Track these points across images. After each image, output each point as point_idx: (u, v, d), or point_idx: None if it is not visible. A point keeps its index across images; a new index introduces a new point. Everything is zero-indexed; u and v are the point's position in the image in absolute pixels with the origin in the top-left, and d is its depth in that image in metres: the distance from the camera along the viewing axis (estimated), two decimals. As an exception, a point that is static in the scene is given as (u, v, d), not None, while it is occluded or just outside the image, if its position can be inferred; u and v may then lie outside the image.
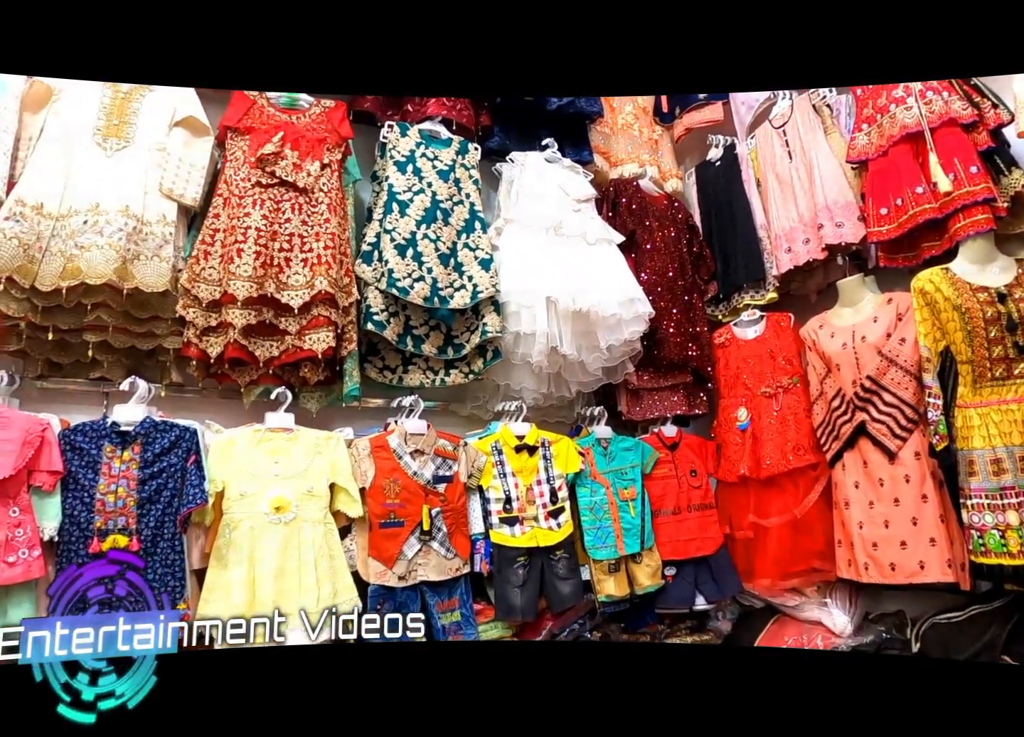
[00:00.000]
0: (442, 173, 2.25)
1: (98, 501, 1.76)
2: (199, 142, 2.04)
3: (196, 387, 2.05)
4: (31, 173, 1.85)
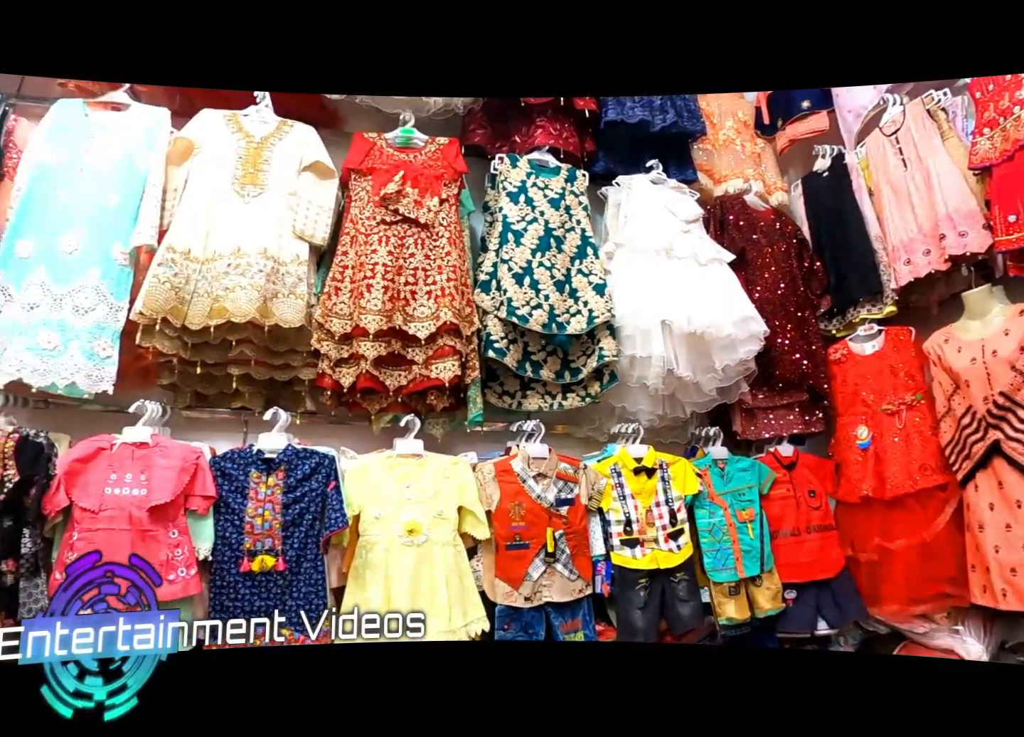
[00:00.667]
0: (553, 201, 2.32)
1: (247, 524, 1.89)
2: (325, 185, 2.17)
3: (328, 415, 2.17)
4: (179, 222, 2.01)
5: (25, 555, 1.77)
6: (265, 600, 1.86)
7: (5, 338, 1.87)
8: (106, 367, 1.88)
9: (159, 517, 1.82)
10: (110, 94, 2.16)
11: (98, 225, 1.96)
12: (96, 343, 1.88)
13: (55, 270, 1.91)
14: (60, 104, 2.12)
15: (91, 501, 1.82)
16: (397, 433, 2.12)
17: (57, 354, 1.86)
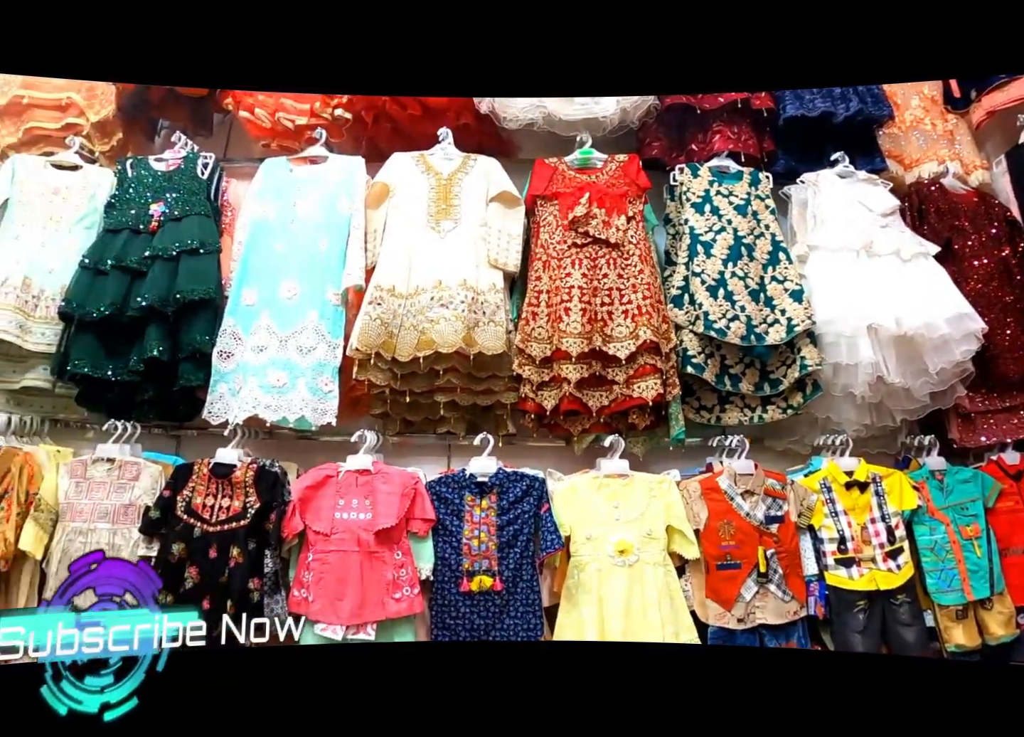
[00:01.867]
0: (739, 208, 2.26)
1: (464, 545, 1.98)
2: (512, 213, 2.24)
3: (526, 438, 2.23)
4: (383, 261, 2.15)
5: (267, 574, 1.96)
6: (484, 618, 1.94)
7: (240, 378, 2.07)
8: (329, 401, 2.03)
9: (384, 539, 1.95)
10: (309, 149, 2.35)
11: (311, 271, 2.14)
12: (320, 379, 2.04)
13: (278, 315, 2.10)
14: (267, 164, 2.33)
15: (323, 525, 1.98)
16: (597, 454, 2.14)
17: (286, 391, 2.04)
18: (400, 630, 1.96)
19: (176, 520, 2.02)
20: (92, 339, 2.12)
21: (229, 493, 2.02)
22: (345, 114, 2.31)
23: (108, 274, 2.14)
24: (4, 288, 2.19)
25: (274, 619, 1.91)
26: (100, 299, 2.10)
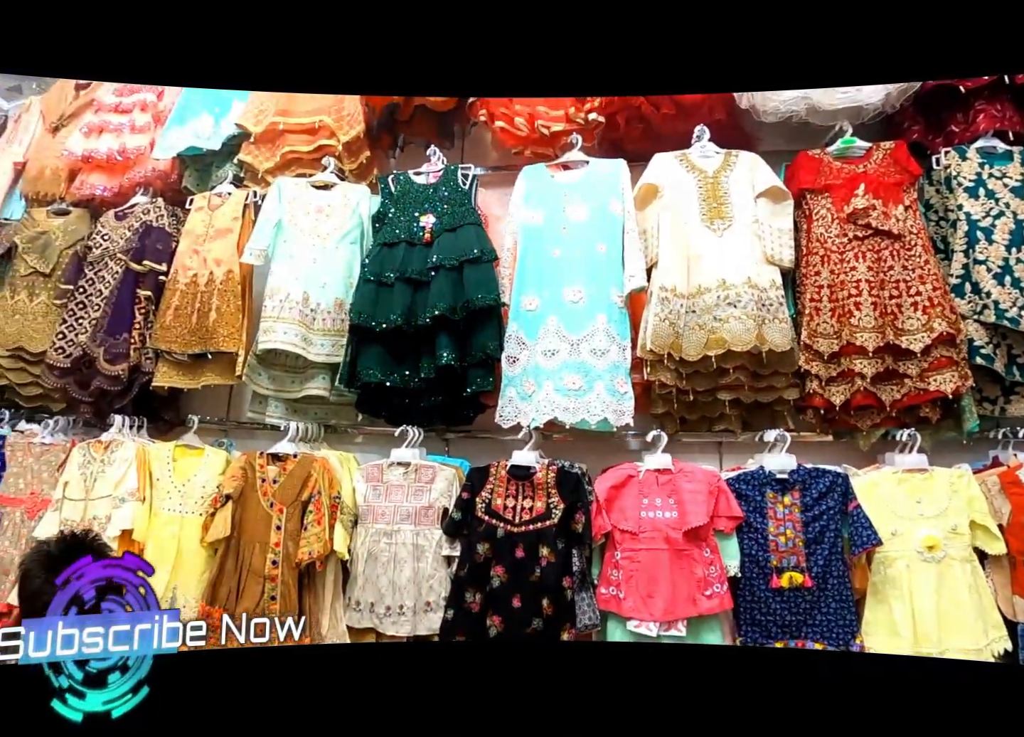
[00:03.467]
0: (1016, 190, 2.24)
1: (771, 542, 2.03)
2: (781, 208, 2.27)
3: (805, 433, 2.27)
4: (663, 262, 2.21)
5: (575, 572, 2.05)
6: (795, 615, 1.99)
7: (531, 382, 2.17)
8: (626, 402, 2.12)
9: (692, 537, 2.02)
10: (567, 155, 2.43)
11: (594, 274, 2.22)
12: (615, 381, 2.12)
13: (566, 319, 2.19)
14: (526, 171, 2.42)
15: (630, 523, 2.06)
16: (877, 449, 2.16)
17: (583, 394, 2.13)
18: (708, 626, 2.03)
19: (477, 521, 2.13)
20: (379, 348, 2.26)
21: (530, 494, 2.13)
22: (599, 118, 2.38)
23: (393, 286, 2.26)
24: (287, 303, 2.36)
25: (583, 616, 2.01)
26: (389, 310, 2.24)
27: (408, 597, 2.13)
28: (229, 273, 2.53)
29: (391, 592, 2.15)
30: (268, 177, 2.66)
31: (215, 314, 2.48)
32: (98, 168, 2.83)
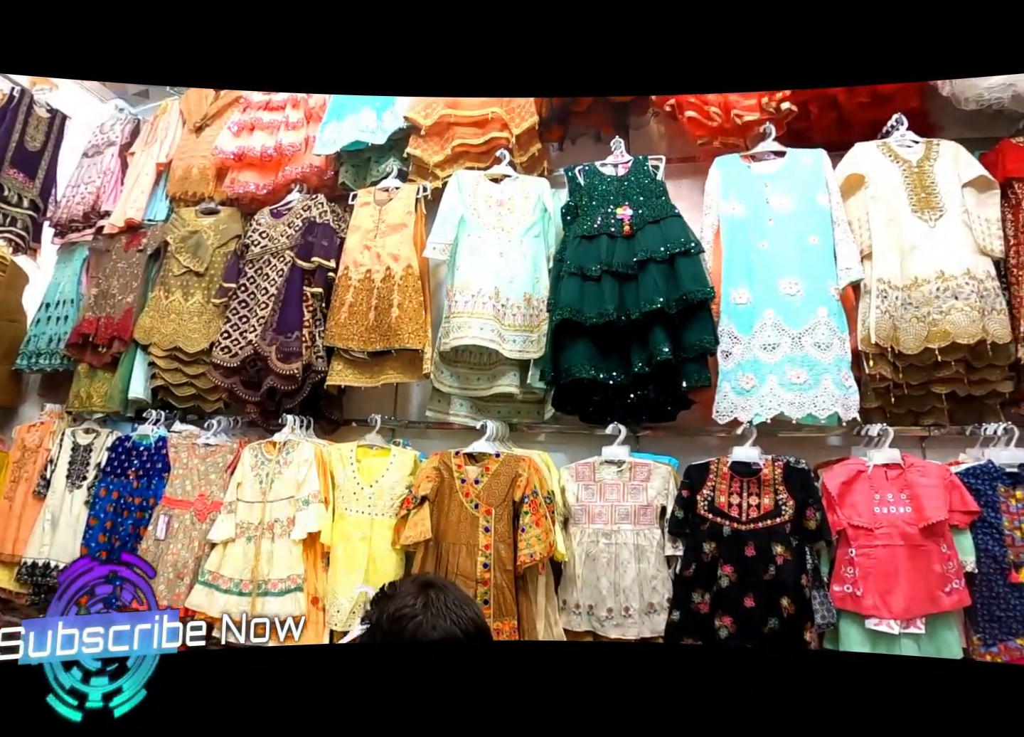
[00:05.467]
0: None
1: (1007, 536, 2.06)
2: (987, 197, 2.31)
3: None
4: (877, 253, 2.24)
5: (809, 571, 2.07)
6: (1037, 610, 2.02)
7: (749, 376, 2.19)
8: (851, 396, 2.14)
9: (929, 533, 2.05)
10: (762, 145, 2.45)
11: (808, 267, 2.24)
12: (841, 375, 2.15)
13: (784, 312, 2.21)
14: (720, 162, 2.45)
15: (864, 520, 2.09)
16: None
17: (808, 388, 2.15)
18: (945, 623, 2.06)
19: (700, 519, 2.15)
20: (586, 343, 2.27)
21: (756, 491, 2.15)
22: (791, 106, 2.40)
23: (599, 279, 2.27)
24: (480, 299, 2.37)
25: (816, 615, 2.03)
26: (599, 304, 2.25)
27: (633, 599, 2.14)
28: (408, 268, 2.53)
29: (612, 594, 2.17)
30: (437, 171, 2.67)
31: (397, 310, 2.48)
32: (250, 166, 2.83)
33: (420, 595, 1.30)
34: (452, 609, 1.28)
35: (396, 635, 1.25)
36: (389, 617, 1.28)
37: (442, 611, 1.27)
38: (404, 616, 1.27)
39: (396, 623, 1.26)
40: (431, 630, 1.24)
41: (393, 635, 1.25)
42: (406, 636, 1.23)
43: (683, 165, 2.65)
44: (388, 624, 1.27)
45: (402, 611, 1.28)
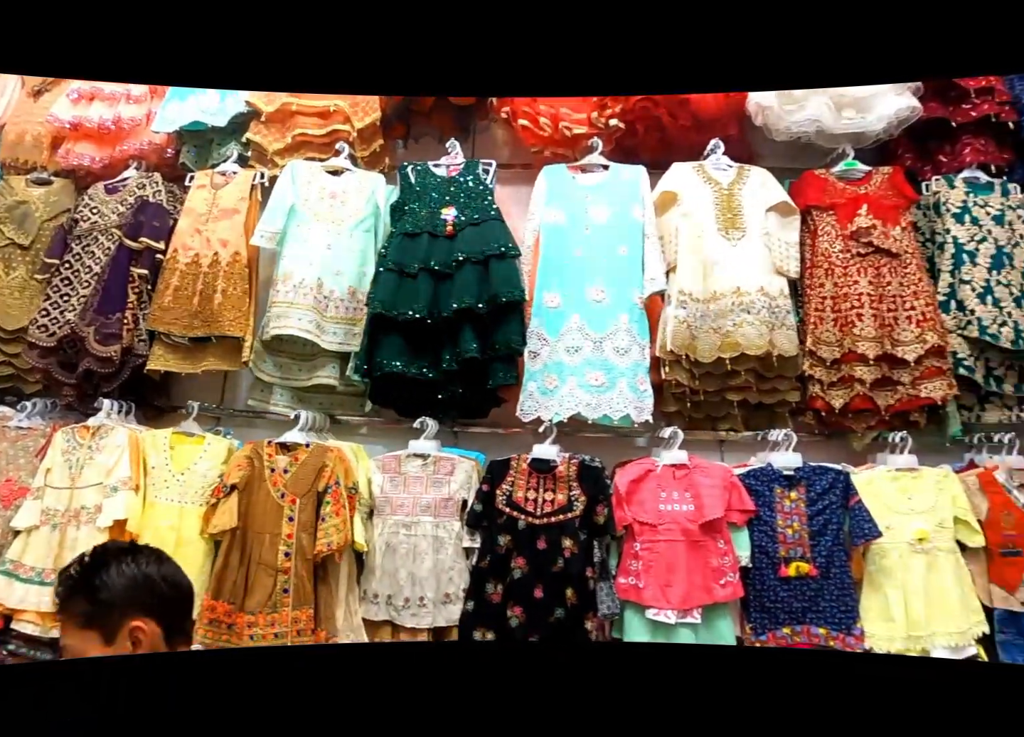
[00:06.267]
0: (996, 218, 2.55)
1: (779, 534, 2.24)
2: (788, 222, 2.51)
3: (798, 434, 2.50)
4: (681, 267, 2.40)
5: (596, 563, 2.21)
6: (801, 602, 2.21)
7: (552, 377, 2.32)
8: (646, 399, 2.29)
9: (708, 530, 2.21)
10: (588, 157, 2.59)
11: (615, 275, 2.38)
12: (637, 379, 2.29)
13: (589, 317, 2.34)
14: (548, 171, 2.57)
15: (649, 516, 2.23)
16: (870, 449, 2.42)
17: (606, 390, 2.29)
18: (720, 613, 2.22)
19: (498, 513, 2.26)
20: (399, 339, 2.35)
21: (552, 487, 2.27)
22: (619, 124, 2.55)
23: (416, 277, 2.35)
24: (301, 289, 2.42)
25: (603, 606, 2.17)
26: (412, 301, 2.33)
27: (428, 589, 2.22)
28: (236, 255, 2.55)
29: (410, 584, 2.23)
30: (276, 158, 2.69)
31: (220, 297, 2.50)
32: (87, 137, 2.79)
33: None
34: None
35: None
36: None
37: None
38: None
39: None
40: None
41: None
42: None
43: (524, 171, 2.76)
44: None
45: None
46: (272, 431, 2.58)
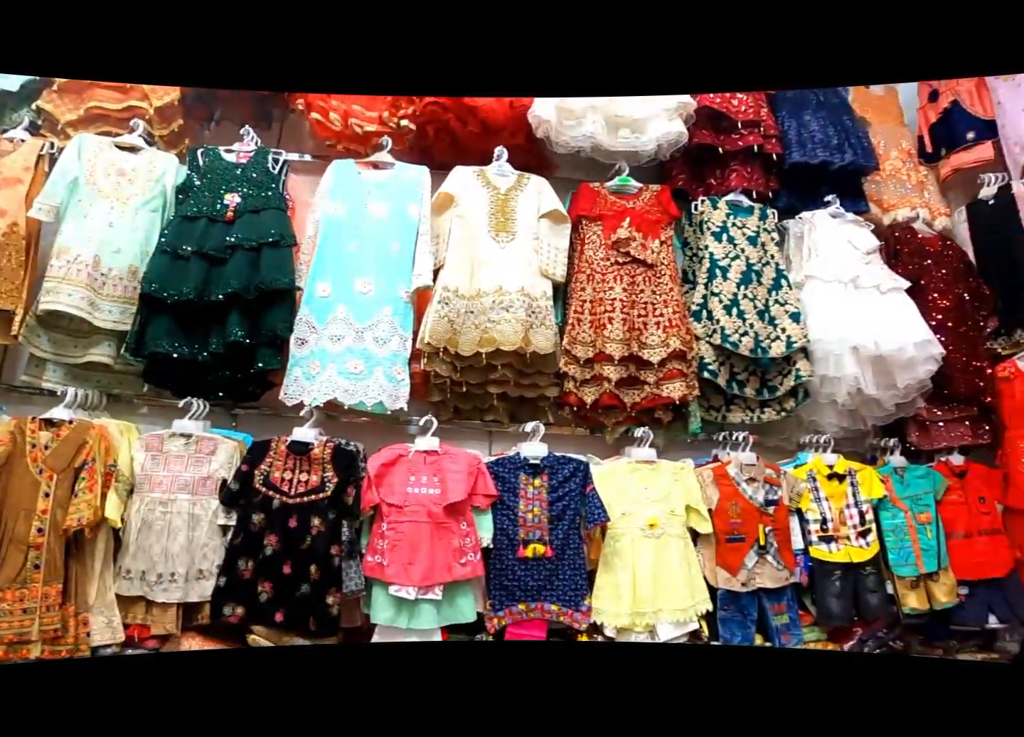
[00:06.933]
0: (751, 239, 2.81)
1: (520, 518, 2.43)
2: (560, 229, 2.69)
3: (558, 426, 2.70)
4: (449, 265, 2.55)
5: (344, 542, 2.33)
6: (537, 580, 2.39)
7: (316, 364, 2.44)
8: (402, 388, 2.43)
9: (452, 512, 2.36)
10: (377, 155, 2.71)
11: (385, 269, 2.51)
12: (394, 368, 2.43)
13: (355, 308, 2.47)
14: (336, 165, 2.68)
15: (397, 498, 2.38)
16: (622, 443, 2.64)
17: (363, 377, 2.42)
18: (462, 591, 2.37)
19: (254, 492, 2.36)
20: (169, 320, 2.41)
21: (307, 468, 2.38)
22: (410, 125, 2.68)
23: (188, 259, 2.43)
24: (76, 265, 2.45)
25: (350, 583, 2.30)
26: (182, 283, 2.40)
27: (180, 565, 2.29)
28: (13, 226, 2.55)
29: (163, 560, 2.30)
30: (69, 130, 2.70)
31: (-6, 268, 2.50)
32: None
33: None
34: None
35: None
36: None
37: None
38: None
39: None
40: None
41: None
42: None
43: (326, 163, 2.84)
44: None
45: None
46: (49, 408, 2.59)
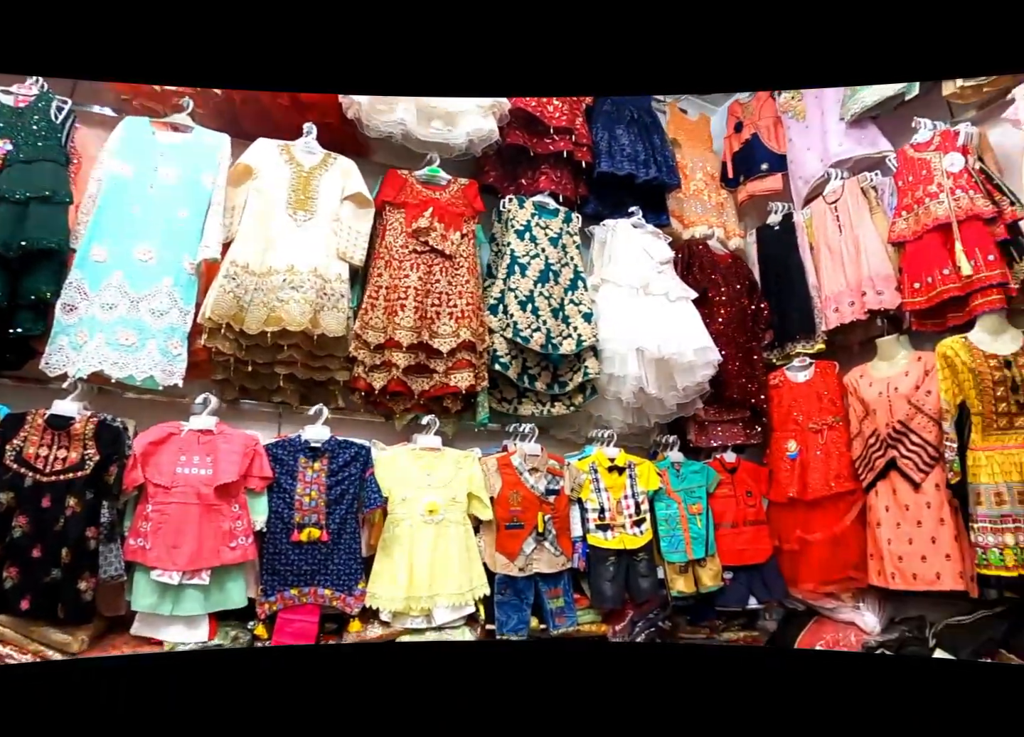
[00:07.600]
0: (552, 240, 2.94)
1: (296, 501, 2.42)
2: (363, 213, 2.71)
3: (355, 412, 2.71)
4: (240, 239, 2.49)
5: (103, 524, 2.22)
6: (311, 565, 2.38)
7: (84, 332, 2.31)
8: (177, 364, 2.35)
9: (223, 494, 2.31)
10: (174, 116, 2.61)
11: (169, 238, 2.42)
12: (170, 342, 2.35)
13: (132, 276, 2.36)
14: (127, 122, 2.55)
15: (164, 478, 2.30)
16: (412, 430, 2.69)
17: (135, 350, 2.32)
18: (232, 576, 2.32)
19: (4, 469, 2.20)
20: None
21: (66, 444, 2.25)
22: (216, 90, 2.60)
23: (-56, 210, 2.24)
24: None
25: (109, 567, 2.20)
26: (-66, 236, 2.21)
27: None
28: None
29: None
30: None
31: None
32: None
33: None
34: None
35: None
36: None
37: None
38: None
39: None
40: None
41: None
42: None
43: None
44: None
45: None
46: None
